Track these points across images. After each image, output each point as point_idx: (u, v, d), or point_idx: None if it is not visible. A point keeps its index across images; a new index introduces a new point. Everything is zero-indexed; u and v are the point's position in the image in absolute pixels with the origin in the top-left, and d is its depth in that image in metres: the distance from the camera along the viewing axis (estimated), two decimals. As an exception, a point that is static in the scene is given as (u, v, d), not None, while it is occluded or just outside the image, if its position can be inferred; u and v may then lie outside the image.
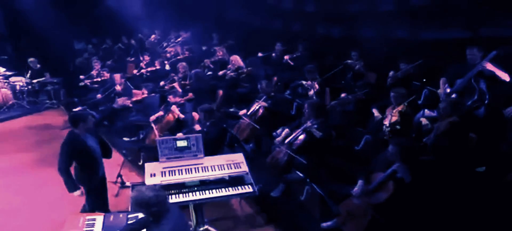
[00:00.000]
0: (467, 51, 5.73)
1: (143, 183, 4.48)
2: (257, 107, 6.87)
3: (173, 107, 7.11)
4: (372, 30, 10.04)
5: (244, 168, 4.86)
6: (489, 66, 5.37)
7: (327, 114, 5.88)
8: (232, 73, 8.97)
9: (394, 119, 5.47)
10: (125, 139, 8.01)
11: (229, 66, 9.27)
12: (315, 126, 5.54)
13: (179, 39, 12.86)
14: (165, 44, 13.20)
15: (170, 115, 7.10)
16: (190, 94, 7.56)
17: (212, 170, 4.80)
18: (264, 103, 6.81)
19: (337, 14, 10.19)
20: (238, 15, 13.65)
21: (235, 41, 11.91)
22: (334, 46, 10.16)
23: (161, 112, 7.32)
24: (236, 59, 9.25)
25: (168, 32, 14.01)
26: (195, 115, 7.25)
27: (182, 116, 7.02)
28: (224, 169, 4.82)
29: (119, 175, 6.20)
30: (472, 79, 5.48)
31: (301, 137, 5.56)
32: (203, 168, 4.83)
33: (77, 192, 4.71)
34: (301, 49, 9.64)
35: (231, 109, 8.26)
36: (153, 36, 14.56)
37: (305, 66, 8.78)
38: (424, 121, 5.44)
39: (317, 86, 7.11)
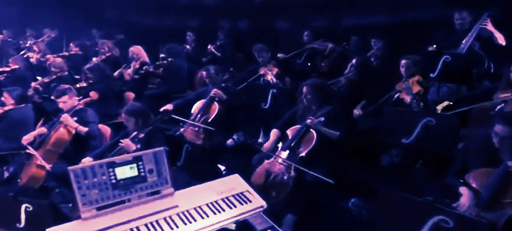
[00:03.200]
0: (455, 16, 4.80)
1: None
2: (206, 104, 4.47)
3: (65, 117, 4.21)
4: (286, 21, 8.91)
5: (257, 200, 2.53)
6: (490, 26, 4.36)
7: (336, 100, 3.88)
8: (141, 71, 6.20)
9: (416, 88, 3.84)
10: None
11: (132, 64, 6.46)
12: (322, 119, 3.51)
13: (42, 38, 9.29)
14: (22, 43, 9.51)
15: (62, 130, 4.17)
16: (93, 94, 4.65)
17: (202, 217, 2.35)
18: (220, 92, 4.45)
19: (243, 5, 8.87)
20: (120, 12, 11.14)
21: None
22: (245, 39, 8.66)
23: (43, 129, 4.32)
24: (139, 51, 6.53)
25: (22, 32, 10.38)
26: (104, 129, 4.49)
27: (84, 129, 4.17)
28: (222, 211, 2.41)
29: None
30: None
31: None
32: (182, 218, 2.33)
33: None
34: (223, 37, 7.51)
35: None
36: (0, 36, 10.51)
37: (233, 56, 6.78)
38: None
39: (274, 69, 5.12)
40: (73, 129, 4.19)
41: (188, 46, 7.70)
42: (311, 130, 3.52)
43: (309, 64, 5.78)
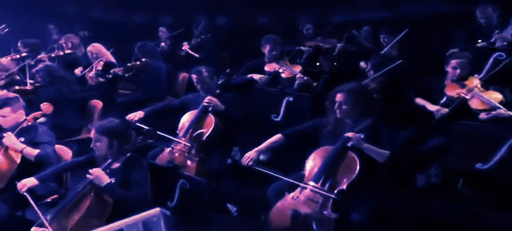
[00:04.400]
0: (479, 14, 4.36)
1: None
2: (198, 116, 3.45)
3: (8, 137, 3.07)
4: (268, 16, 8.07)
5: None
6: None
7: (378, 110, 2.96)
8: (108, 74, 5.03)
9: (496, 97, 2.97)
10: None
11: (94, 64, 5.29)
12: (362, 137, 2.61)
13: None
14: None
15: (2, 156, 3.03)
16: (45, 107, 3.46)
17: None
18: (215, 100, 3.43)
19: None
20: (82, 7, 9.86)
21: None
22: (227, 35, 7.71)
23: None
24: (99, 50, 5.37)
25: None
26: (62, 151, 3.39)
27: (33, 152, 3.05)
28: None
29: None
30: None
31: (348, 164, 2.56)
32: None
33: None
34: (200, 32, 6.45)
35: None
36: None
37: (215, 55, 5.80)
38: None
39: (296, 66, 4.18)
40: (18, 153, 3.07)
41: (162, 44, 6.59)
42: (349, 152, 2.61)
43: (317, 64, 4.87)
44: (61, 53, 5.81)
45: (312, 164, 2.69)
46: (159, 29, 7.10)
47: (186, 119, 3.49)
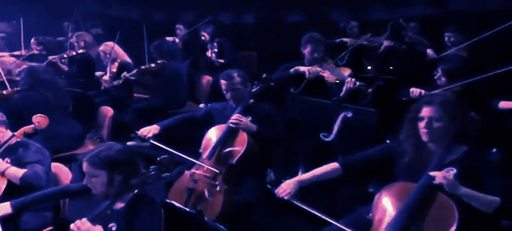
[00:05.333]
0: None
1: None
2: (226, 133, 2.73)
3: None
4: (300, 13, 7.27)
5: None
6: None
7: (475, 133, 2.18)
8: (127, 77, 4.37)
9: None
10: None
11: (108, 66, 4.63)
12: (455, 173, 1.83)
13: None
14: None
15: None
16: (39, 120, 2.75)
17: None
18: (248, 121, 2.71)
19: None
20: (100, 4, 9.31)
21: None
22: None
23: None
24: (113, 49, 4.67)
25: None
26: (58, 169, 2.73)
27: (18, 172, 2.40)
28: None
29: None
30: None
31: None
32: None
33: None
34: (210, 36, 5.64)
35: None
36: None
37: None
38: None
39: (345, 69, 3.41)
40: (3, 177, 2.43)
41: (177, 40, 5.91)
42: (440, 194, 1.84)
43: (369, 67, 4.07)
44: (73, 53, 5.21)
45: (384, 207, 1.93)
46: (176, 26, 6.45)
47: (211, 135, 2.78)
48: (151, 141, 2.73)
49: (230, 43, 5.57)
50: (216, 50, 5.32)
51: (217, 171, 2.53)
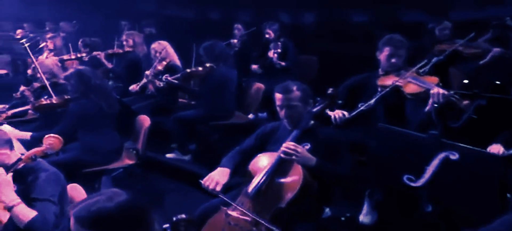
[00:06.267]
0: None
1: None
2: (275, 166, 2.08)
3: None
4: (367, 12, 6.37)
5: None
6: None
7: None
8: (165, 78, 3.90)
9: None
10: None
11: (154, 64, 4.19)
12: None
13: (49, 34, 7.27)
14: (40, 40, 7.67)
15: None
16: (51, 142, 2.19)
17: None
18: (305, 151, 2.03)
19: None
20: (157, 4, 9.10)
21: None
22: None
23: None
24: (165, 48, 4.22)
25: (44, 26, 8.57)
26: (75, 191, 2.27)
27: (25, 214, 1.92)
28: None
29: None
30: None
31: None
32: None
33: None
34: (275, 35, 5.03)
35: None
36: (19, 31, 8.76)
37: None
38: None
39: (432, 78, 2.59)
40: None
41: (235, 41, 5.35)
42: None
43: (465, 81, 3.18)
44: (120, 51, 4.89)
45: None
46: (234, 26, 5.91)
47: (258, 166, 2.15)
48: (218, 189, 2.11)
49: (293, 45, 4.94)
50: (279, 50, 4.71)
51: (261, 222, 1.88)
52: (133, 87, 4.28)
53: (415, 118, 2.43)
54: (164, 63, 4.14)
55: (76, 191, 2.37)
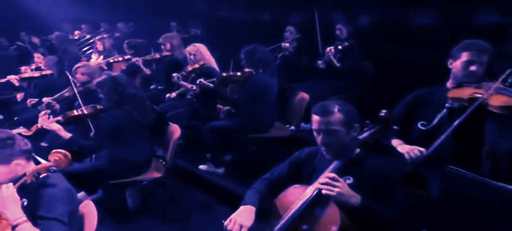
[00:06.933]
0: None
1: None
2: (308, 203, 1.67)
3: (7, 193, 1.78)
4: (429, 13, 5.62)
5: None
6: None
7: None
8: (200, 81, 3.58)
9: None
10: None
11: (186, 67, 3.96)
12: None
13: (103, 35, 7.32)
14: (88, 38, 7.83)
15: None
16: (58, 158, 1.94)
17: None
18: (347, 187, 1.59)
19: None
20: (211, 6, 8.96)
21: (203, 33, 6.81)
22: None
23: None
24: (199, 50, 3.96)
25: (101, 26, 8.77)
26: (88, 210, 2.01)
27: None
28: None
29: None
30: None
31: None
32: None
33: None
34: (347, 34, 4.52)
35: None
36: (77, 32, 9.04)
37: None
38: None
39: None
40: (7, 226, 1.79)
41: (287, 44, 4.92)
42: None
43: None
44: (157, 56, 4.71)
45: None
46: (286, 28, 5.50)
47: (286, 201, 1.74)
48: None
49: (359, 52, 4.44)
50: (340, 47, 4.27)
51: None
52: (170, 95, 4.06)
53: (502, 144, 1.86)
54: (197, 66, 3.86)
55: (88, 211, 2.13)
